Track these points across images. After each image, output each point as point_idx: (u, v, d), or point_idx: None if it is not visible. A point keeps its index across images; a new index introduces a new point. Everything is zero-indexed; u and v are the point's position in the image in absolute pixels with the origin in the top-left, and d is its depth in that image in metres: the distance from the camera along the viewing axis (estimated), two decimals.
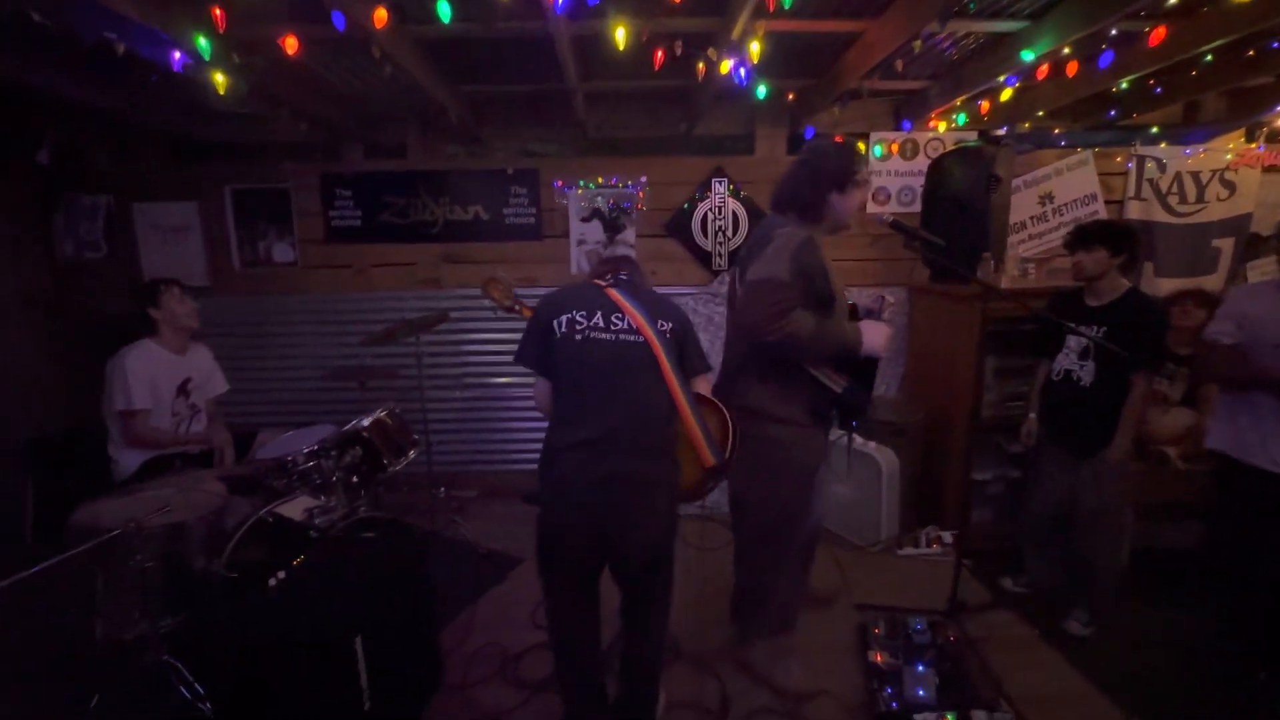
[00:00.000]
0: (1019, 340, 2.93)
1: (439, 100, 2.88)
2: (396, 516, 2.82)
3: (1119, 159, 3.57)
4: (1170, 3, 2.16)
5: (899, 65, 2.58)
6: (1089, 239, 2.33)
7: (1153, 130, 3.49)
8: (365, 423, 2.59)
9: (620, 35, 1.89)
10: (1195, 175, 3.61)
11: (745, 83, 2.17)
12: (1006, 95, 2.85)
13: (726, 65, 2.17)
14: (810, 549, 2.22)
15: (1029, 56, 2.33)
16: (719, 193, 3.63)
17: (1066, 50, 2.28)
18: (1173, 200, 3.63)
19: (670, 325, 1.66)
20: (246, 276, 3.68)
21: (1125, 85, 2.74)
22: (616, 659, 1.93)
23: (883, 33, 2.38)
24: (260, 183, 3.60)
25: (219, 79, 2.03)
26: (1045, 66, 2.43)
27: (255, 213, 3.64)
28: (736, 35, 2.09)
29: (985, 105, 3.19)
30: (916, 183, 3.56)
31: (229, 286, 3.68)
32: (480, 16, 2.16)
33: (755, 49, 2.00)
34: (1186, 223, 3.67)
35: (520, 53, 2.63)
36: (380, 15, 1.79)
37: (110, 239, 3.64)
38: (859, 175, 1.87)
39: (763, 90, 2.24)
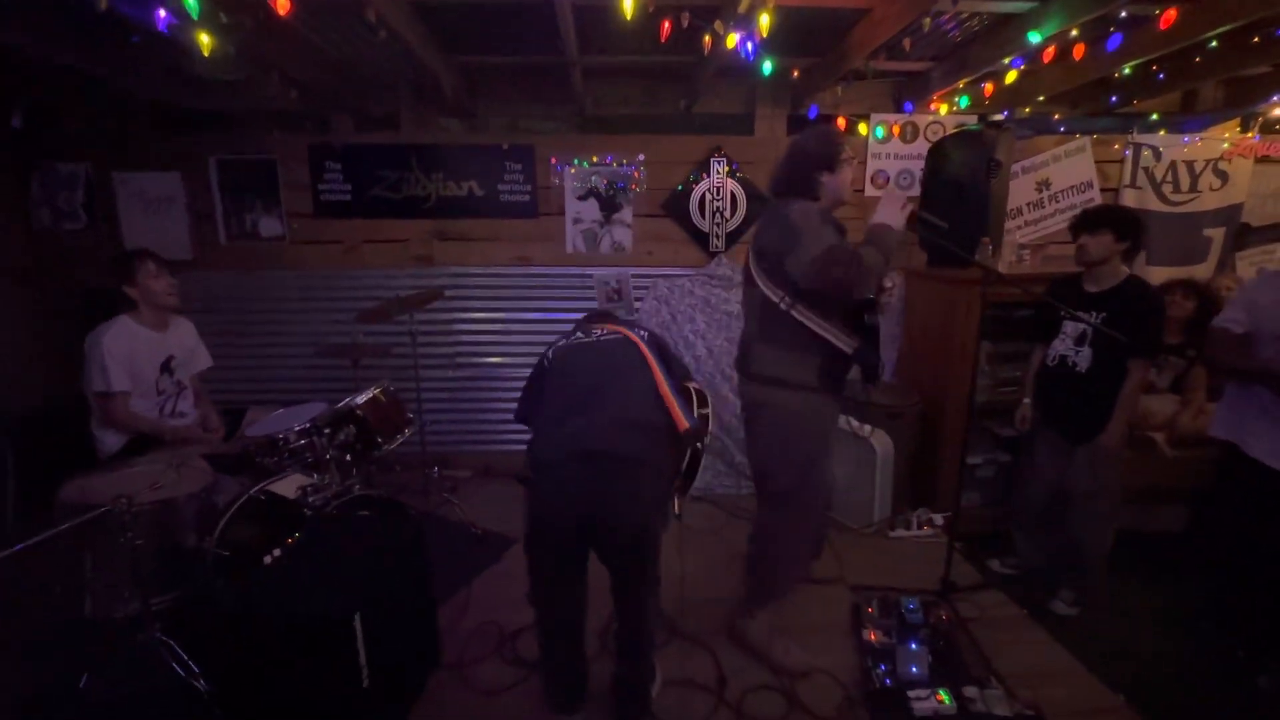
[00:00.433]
0: (1013, 326, 2.95)
1: (432, 70, 2.79)
2: (392, 495, 2.81)
3: (1116, 146, 3.57)
4: None
5: (906, 44, 2.53)
6: (1096, 223, 2.32)
7: (1152, 117, 3.50)
8: (359, 401, 2.55)
9: (628, 3, 1.83)
10: (1189, 165, 3.62)
11: (752, 57, 2.12)
12: (1012, 77, 2.82)
13: (733, 39, 2.12)
14: (820, 513, 2.27)
15: (1036, 38, 2.31)
16: (717, 173, 3.58)
17: (1074, 32, 2.26)
18: (1167, 189, 3.66)
19: (646, 334, 1.88)
20: (232, 250, 3.59)
21: (1128, 71, 2.73)
22: (612, 640, 1.94)
23: (891, 9, 2.34)
24: (246, 153, 3.49)
25: (204, 40, 1.94)
26: (1051, 49, 2.41)
27: (241, 184, 3.53)
28: (744, 8, 2.04)
29: (989, 88, 3.16)
30: (915, 166, 3.54)
31: (214, 261, 3.58)
32: None
33: (765, 22, 1.95)
34: (1179, 212, 3.70)
35: (518, 22, 2.55)
36: None
37: (90, 209, 3.52)
38: (844, 154, 2.00)
39: (768, 66, 2.19)
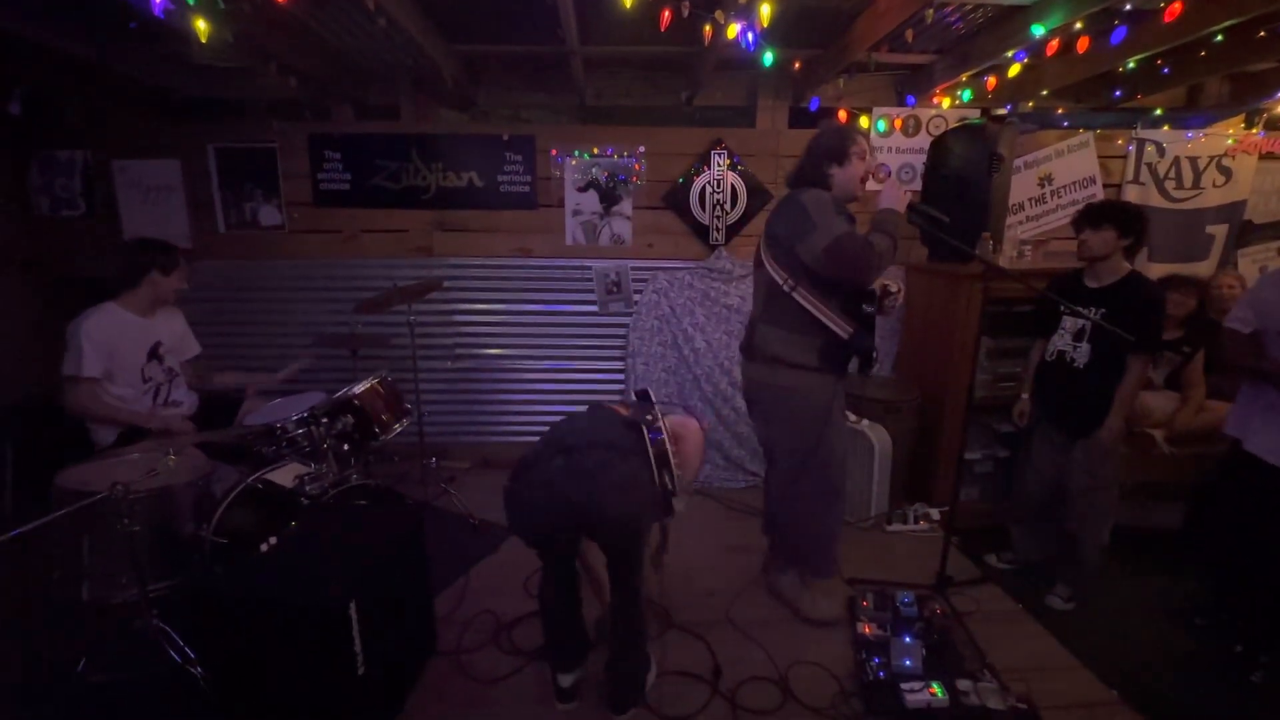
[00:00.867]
0: (1013, 321, 2.94)
1: (432, 59, 2.77)
2: (389, 485, 2.82)
3: (1120, 142, 3.55)
4: None
5: (909, 36, 2.52)
6: (1099, 218, 2.31)
7: (1156, 112, 3.47)
8: (357, 390, 2.55)
9: None
10: (1193, 161, 3.61)
11: (752, 48, 2.10)
12: (1015, 71, 2.80)
13: (734, 29, 2.10)
14: (838, 489, 2.30)
15: (1040, 31, 2.29)
16: (718, 165, 3.57)
17: (1079, 25, 2.24)
18: (1169, 185, 3.64)
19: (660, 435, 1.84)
20: (231, 240, 3.58)
21: (1132, 65, 2.71)
22: (606, 627, 1.97)
23: (894, 1, 2.32)
24: (246, 141, 3.47)
25: (201, 26, 1.93)
26: (1055, 42, 2.39)
27: (240, 173, 3.52)
28: None
29: (992, 81, 3.14)
30: (917, 160, 3.52)
31: (213, 249, 3.57)
32: None
33: (766, 12, 1.94)
34: (1181, 208, 3.68)
35: (519, 9, 2.53)
36: None
37: (89, 197, 3.51)
38: (854, 149, 2.06)
39: (769, 58, 2.18)
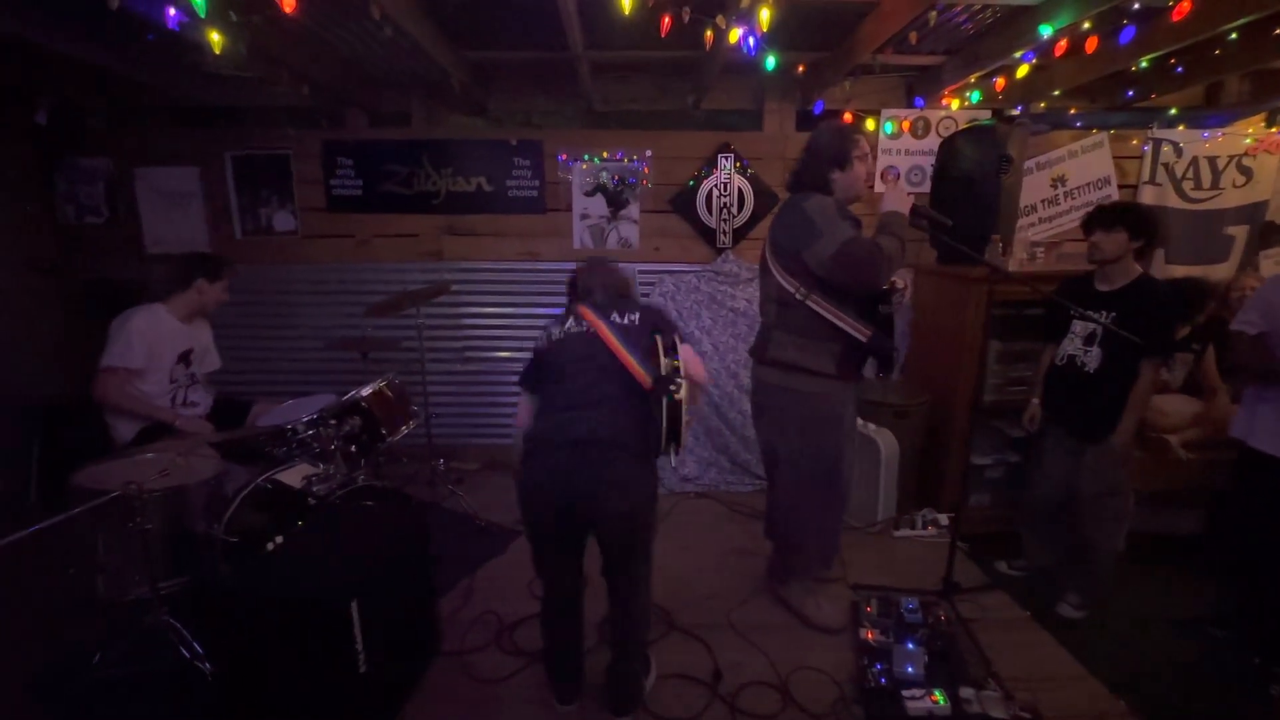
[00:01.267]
0: (1023, 324, 2.90)
1: (441, 65, 2.82)
2: (396, 486, 2.86)
3: (1135, 142, 3.49)
4: None
5: (913, 38, 2.50)
6: (1110, 220, 2.27)
7: (1171, 112, 3.40)
8: (364, 393, 2.59)
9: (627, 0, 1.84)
10: (1212, 160, 3.53)
11: (754, 52, 2.11)
12: (1023, 71, 2.77)
13: (735, 34, 2.11)
14: (844, 494, 2.31)
15: (1047, 31, 2.26)
16: (725, 169, 3.57)
17: (1087, 25, 2.21)
18: (1187, 186, 3.57)
19: (636, 317, 1.82)
20: (247, 245, 3.66)
21: (1145, 64, 2.67)
22: (607, 629, 1.97)
23: (898, 2, 2.31)
24: (261, 148, 3.55)
25: (215, 38, 1.99)
26: (1064, 42, 2.36)
27: (256, 179, 3.61)
28: (746, 3, 2.03)
29: (1000, 82, 3.11)
30: (927, 162, 3.49)
31: (230, 254, 3.62)
32: None
33: (765, 16, 1.94)
34: (1200, 209, 3.60)
35: (525, 16, 2.56)
36: None
37: (112, 203, 3.62)
38: (856, 151, 2.04)
39: (771, 61, 2.18)
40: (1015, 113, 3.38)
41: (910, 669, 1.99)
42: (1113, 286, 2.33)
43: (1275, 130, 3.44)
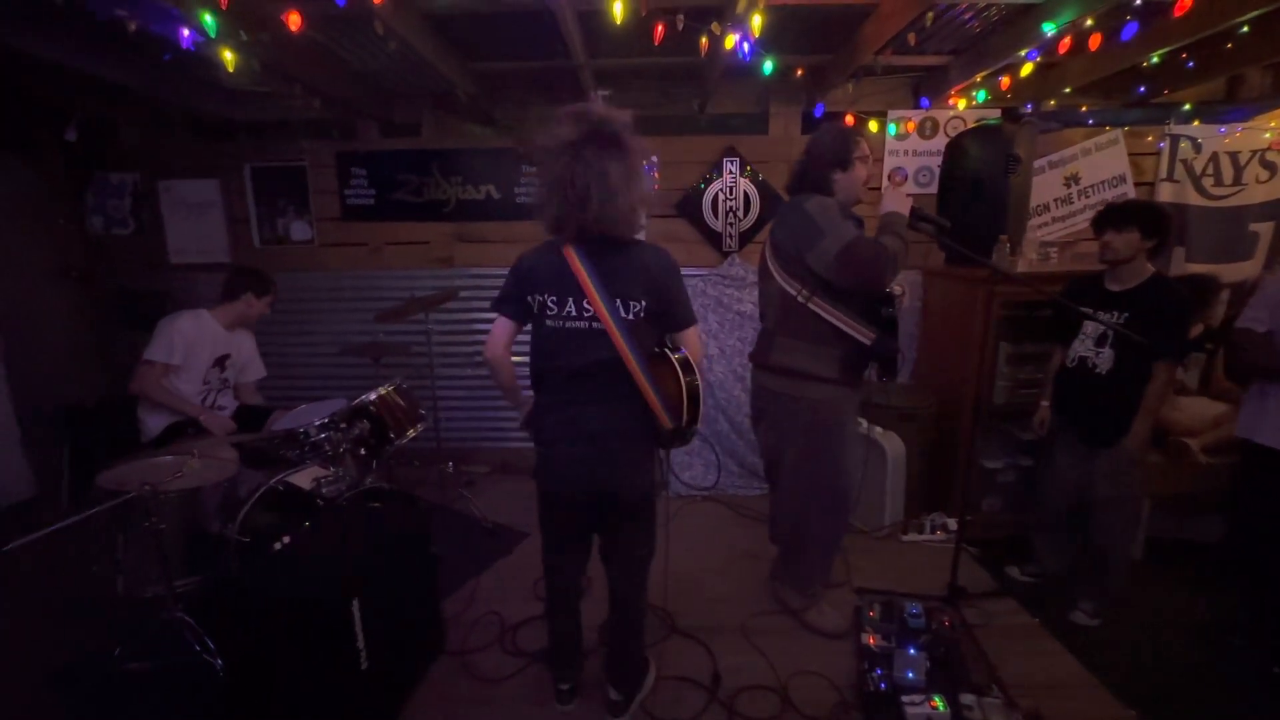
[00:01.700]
0: (1034, 326, 2.85)
1: (447, 77, 2.88)
2: (404, 489, 2.91)
3: (1150, 139, 3.41)
4: None
5: (912, 39, 2.49)
6: (1122, 219, 2.23)
7: (1185, 107, 3.32)
8: (372, 397, 2.65)
9: (617, 9, 1.86)
10: (1234, 156, 3.44)
11: (749, 58, 2.12)
12: (1027, 70, 2.73)
13: (731, 40, 2.12)
14: (847, 501, 2.29)
15: (1050, 29, 2.23)
16: (731, 173, 3.58)
17: (1090, 22, 2.18)
18: (1207, 182, 3.47)
19: (644, 304, 1.61)
20: (265, 253, 3.77)
21: (1156, 59, 2.61)
22: (606, 629, 2.00)
23: (897, 4, 2.30)
24: (278, 160, 3.66)
25: (227, 56, 2.07)
26: (1067, 40, 2.32)
27: (274, 190, 3.72)
28: (741, 9, 2.05)
29: (1005, 81, 3.07)
30: (935, 163, 3.45)
31: (249, 263, 3.76)
32: None
33: (757, 23, 1.95)
34: (1222, 206, 3.51)
35: (528, 28, 2.60)
36: None
37: (137, 215, 3.76)
38: (857, 153, 2.04)
39: (769, 66, 2.19)
40: (1024, 111, 3.33)
41: (911, 674, 1.97)
42: (1124, 286, 2.29)
43: None
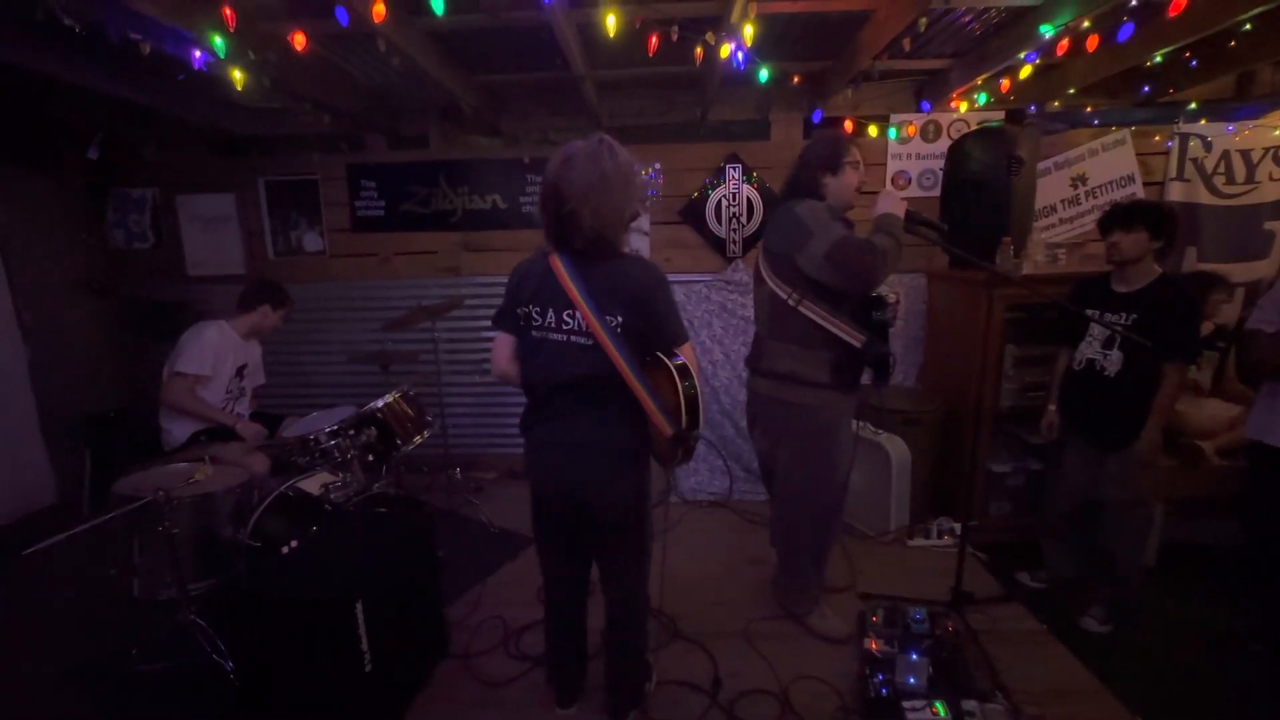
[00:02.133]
0: (1041, 328, 2.83)
1: (451, 90, 2.94)
2: (411, 494, 2.96)
3: (1157, 138, 3.38)
4: None
5: (906, 44, 2.50)
6: (1129, 219, 2.21)
7: (1190, 106, 3.28)
8: (380, 404, 2.70)
9: (610, 22, 1.90)
10: (1245, 154, 3.39)
11: (743, 67, 2.15)
12: (1026, 72, 2.72)
13: (726, 49, 2.15)
14: (840, 506, 2.30)
15: (1048, 31, 2.23)
16: (733, 179, 3.60)
17: (1087, 24, 2.18)
18: (1219, 181, 3.42)
19: (620, 319, 1.52)
20: (279, 265, 3.86)
21: (1159, 59, 2.60)
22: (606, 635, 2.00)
23: (892, 10, 2.32)
24: (291, 174, 3.76)
25: (237, 76, 2.14)
26: (1065, 41, 2.32)
27: (287, 203, 3.81)
28: (735, 19, 2.07)
29: (1006, 84, 3.06)
30: (939, 166, 3.45)
31: (263, 274, 3.86)
32: (484, 6, 2.20)
33: (749, 32, 1.98)
34: (1235, 204, 3.45)
35: (529, 41, 2.66)
36: (379, 10, 1.85)
37: (156, 229, 3.88)
38: (848, 158, 2.03)
39: (764, 74, 2.21)
40: (1029, 113, 3.32)
41: (913, 680, 1.96)
42: (1131, 287, 2.27)
43: None
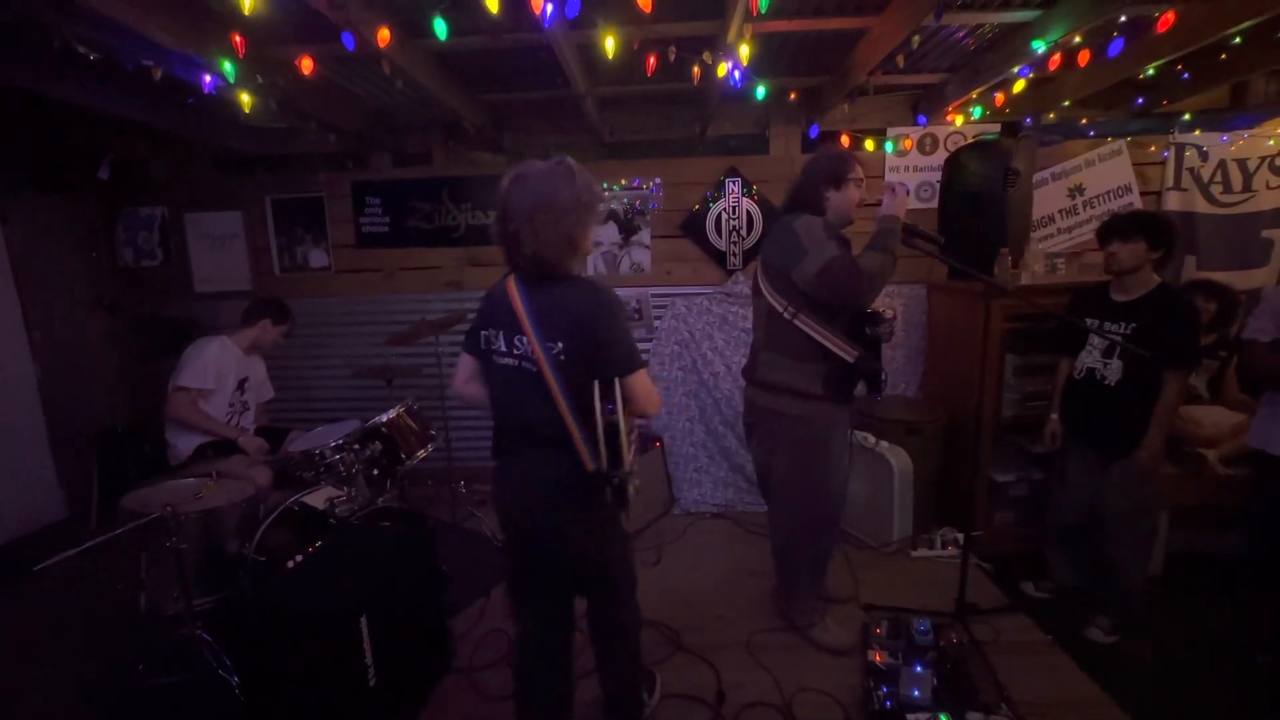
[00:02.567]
0: (1041, 337, 2.84)
1: (454, 109, 3.00)
2: (415, 508, 2.97)
3: (1153, 148, 3.41)
4: None
5: (900, 60, 2.54)
6: (1127, 229, 2.23)
7: (1185, 117, 3.31)
8: (384, 418, 2.72)
9: (609, 44, 1.95)
10: (1242, 163, 3.41)
11: (740, 85, 2.19)
12: (1019, 87, 2.77)
13: (724, 68, 2.19)
14: (834, 517, 2.31)
15: (1039, 46, 2.27)
16: (733, 192, 3.64)
17: (1078, 39, 2.21)
18: (1216, 189, 3.44)
19: (561, 346, 1.46)
20: (285, 281, 3.91)
21: (1152, 71, 2.63)
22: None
23: (885, 27, 2.36)
24: (297, 192, 3.82)
25: (245, 99, 2.19)
26: (1058, 56, 2.36)
27: (293, 220, 3.87)
28: (732, 38, 2.12)
29: (1000, 97, 3.10)
30: (936, 178, 3.47)
31: (270, 290, 3.90)
32: (486, 29, 2.25)
33: (745, 52, 2.02)
34: (1232, 213, 3.47)
35: (530, 61, 2.72)
36: (384, 34, 1.90)
37: (165, 247, 3.94)
38: (852, 174, 2.06)
39: (761, 91, 2.25)
40: (1025, 125, 3.35)
41: (917, 692, 1.95)
42: (1130, 297, 2.28)
43: None
